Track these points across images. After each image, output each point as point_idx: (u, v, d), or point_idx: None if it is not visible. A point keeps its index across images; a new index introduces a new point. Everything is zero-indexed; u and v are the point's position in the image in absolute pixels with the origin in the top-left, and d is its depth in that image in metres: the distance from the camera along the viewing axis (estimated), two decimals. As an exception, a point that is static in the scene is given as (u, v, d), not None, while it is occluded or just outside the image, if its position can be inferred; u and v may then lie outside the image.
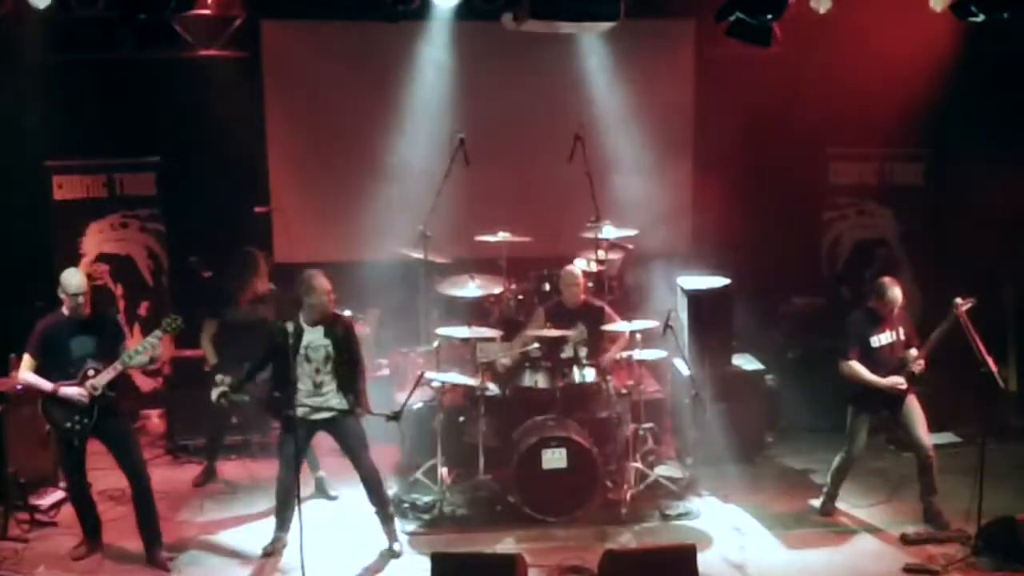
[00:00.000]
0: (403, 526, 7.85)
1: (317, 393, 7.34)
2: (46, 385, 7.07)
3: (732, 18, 8.37)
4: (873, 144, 10.44)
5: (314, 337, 7.34)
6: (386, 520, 7.59)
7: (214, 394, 7.34)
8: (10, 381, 8.12)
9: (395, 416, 7.23)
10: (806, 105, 10.23)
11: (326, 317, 7.39)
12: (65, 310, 7.12)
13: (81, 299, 7.09)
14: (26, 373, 7.14)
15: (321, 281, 7.34)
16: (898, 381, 7.63)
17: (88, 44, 9.39)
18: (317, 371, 7.33)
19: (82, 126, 9.34)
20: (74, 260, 9.38)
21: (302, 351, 7.28)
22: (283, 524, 7.48)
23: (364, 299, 9.53)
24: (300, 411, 7.18)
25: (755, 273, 10.43)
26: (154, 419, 9.72)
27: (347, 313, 8.39)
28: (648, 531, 7.81)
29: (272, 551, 7.43)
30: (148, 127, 9.80)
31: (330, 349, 7.34)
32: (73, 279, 7.12)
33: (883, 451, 9.02)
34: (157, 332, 7.19)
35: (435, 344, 8.47)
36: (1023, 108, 9.55)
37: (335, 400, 7.37)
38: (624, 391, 8.36)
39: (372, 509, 7.60)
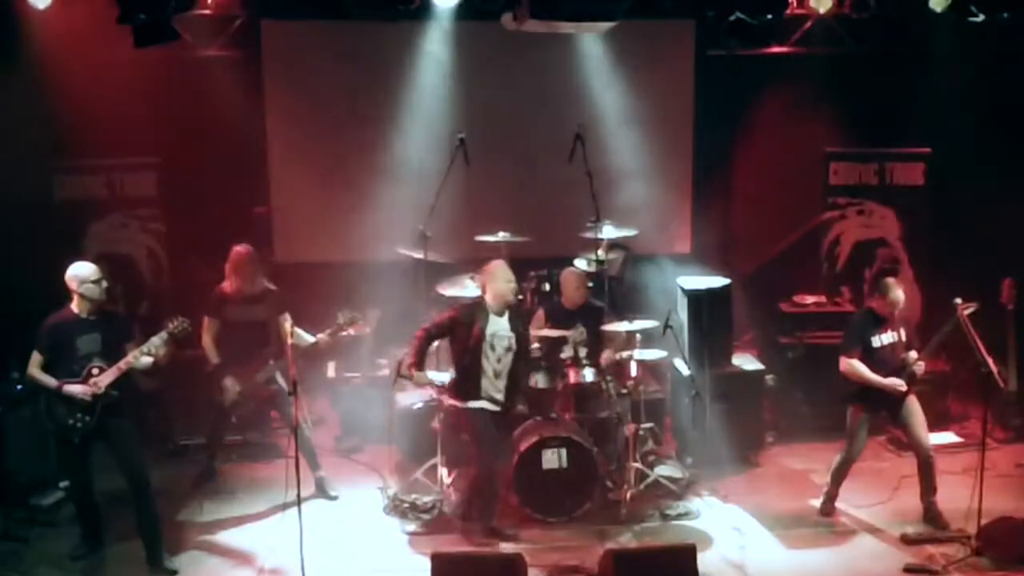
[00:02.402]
0: (403, 526, 7.86)
1: (496, 383, 7.46)
2: (51, 381, 7.06)
3: (732, 18, 8.38)
4: (873, 144, 10.44)
5: (499, 327, 7.44)
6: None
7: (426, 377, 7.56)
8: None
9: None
10: (805, 105, 10.24)
11: (508, 306, 7.46)
12: (74, 307, 7.10)
13: (104, 283, 7.12)
14: (34, 370, 7.13)
15: (504, 270, 7.45)
16: (898, 383, 7.63)
17: (88, 44, 9.39)
18: (499, 360, 7.43)
19: (82, 126, 9.33)
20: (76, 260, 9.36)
21: (487, 339, 7.37)
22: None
23: (364, 299, 9.52)
24: (482, 402, 7.41)
25: (755, 273, 10.43)
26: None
27: (349, 315, 8.40)
28: (648, 531, 7.80)
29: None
30: (148, 127, 9.80)
31: (512, 341, 7.45)
32: (87, 267, 7.13)
33: (883, 451, 9.03)
34: (163, 334, 7.17)
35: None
36: (1023, 107, 9.56)
37: (504, 394, 7.48)
38: (624, 391, 8.36)
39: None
